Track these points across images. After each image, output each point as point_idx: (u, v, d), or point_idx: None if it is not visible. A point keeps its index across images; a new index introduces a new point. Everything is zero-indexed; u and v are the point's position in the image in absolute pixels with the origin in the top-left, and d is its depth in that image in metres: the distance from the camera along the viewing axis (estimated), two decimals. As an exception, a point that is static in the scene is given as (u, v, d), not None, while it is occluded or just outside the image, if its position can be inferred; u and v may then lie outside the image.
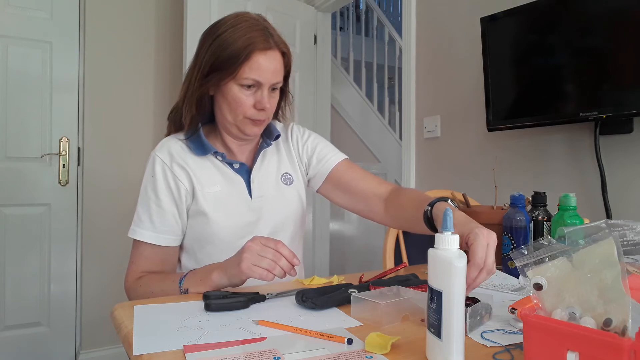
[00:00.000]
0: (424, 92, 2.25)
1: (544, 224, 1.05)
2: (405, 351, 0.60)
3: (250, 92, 0.98)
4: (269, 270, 0.83)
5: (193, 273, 0.92)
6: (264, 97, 0.98)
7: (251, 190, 1.07)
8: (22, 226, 2.25)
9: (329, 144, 1.19)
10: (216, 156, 1.06)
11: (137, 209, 1.03)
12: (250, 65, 0.95)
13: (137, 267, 1.01)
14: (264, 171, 1.10)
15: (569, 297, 0.47)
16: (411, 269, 1.11)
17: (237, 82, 0.97)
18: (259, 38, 0.95)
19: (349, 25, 4.92)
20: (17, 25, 2.21)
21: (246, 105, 0.99)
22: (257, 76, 0.96)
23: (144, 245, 1.00)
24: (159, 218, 1.01)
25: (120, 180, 2.43)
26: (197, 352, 0.58)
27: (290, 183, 1.13)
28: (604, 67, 1.41)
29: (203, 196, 1.02)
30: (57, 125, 2.32)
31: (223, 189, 1.04)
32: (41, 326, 2.29)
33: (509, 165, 1.82)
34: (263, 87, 0.98)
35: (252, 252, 0.83)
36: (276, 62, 0.98)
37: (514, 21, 1.67)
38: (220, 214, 1.02)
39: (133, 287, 0.99)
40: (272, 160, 1.13)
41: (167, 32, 2.57)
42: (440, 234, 0.55)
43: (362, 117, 4.22)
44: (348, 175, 1.12)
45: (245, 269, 0.83)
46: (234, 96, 0.98)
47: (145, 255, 1.01)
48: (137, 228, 1.01)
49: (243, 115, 1.00)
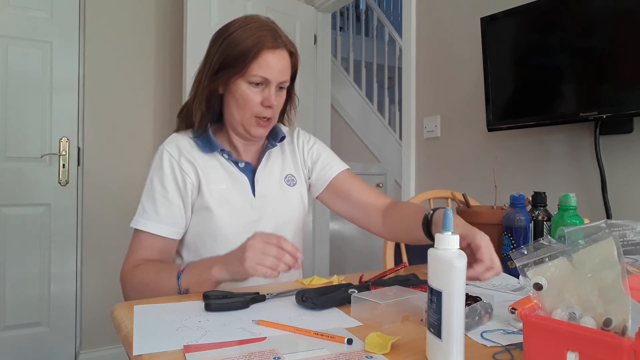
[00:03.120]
0: (424, 92, 2.25)
1: (544, 224, 1.05)
2: (405, 351, 0.60)
3: (258, 90, 1.01)
4: (273, 269, 0.81)
5: (191, 267, 0.90)
6: (271, 95, 1.01)
7: (255, 189, 1.09)
8: (22, 226, 2.25)
9: (333, 153, 1.23)
10: (222, 154, 1.08)
11: (142, 201, 1.02)
12: (259, 63, 0.98)
13: (136, 255, 0.99)
14: (268, 171, 1.12)
15: (569, 297, 0.47)
16: (411, 269, 1.11)
17: (246, 80, 0.99)
18: (268, 37, 0.98)
19: (349, 25, 4.92)
20: (17, 25, 2.21)
21: (254, 103, 1.01)
22: (266, 73, 0.99)
23: (146, 235, 1.00)
24: (164, 209, 1.01)
25: (120, 180, 2.44)
26: (197, 352, 0.58)
27: (294, 184, 1.15)
28: (604, 67, 1.41)
29: (209, 191, 1.04)
30: (57, 125, 2.32)
31: (228, 186, 1.06)
32: (41, 326, 2.29)
33: (509, 165, 1.82)
34: (271, 85, 1.01)
35: (255, 250, 0.81)
36: (284, 61, 1.02)
37: (514, 21, 1.67)
38: (224, 210, 1.04)
39: (129, 276, 0.97)
40: (277, 161, 1.15)
41: (167, 32, 2.57)
42: (440, 234, 0.55)
43: (362, 117, 4.22)
44: (349, 185, 1.15)
45: (250, 269, 0.81)
46: (242, 93, 1.00)
47: (145, 245, 1.00)
48: (141, 219, 1.00)
49: (250, 112, 1.02)
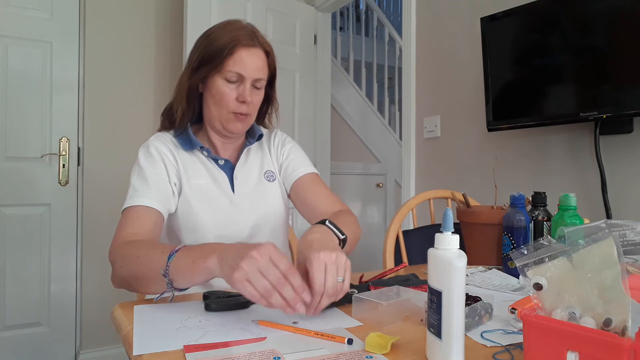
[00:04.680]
0: (424, 92, 2.25)
1: (544, 224, 1.05)
2: (405, 351, 0.60)
3: (234, 86, 1.05)
4: (263, 295, 0.68)
5: (186, 250, 0.80)
6: (246, 90, 1.04)
7: (234, 185, 1.12)
8: (22, 226, 2.25)
9: (304, 155, 1.24)
10: (202, 151, 1.12)
11: (132, 183, 1.03)
12: (234, 59, 1.02)
13: (127, 229, 0.94)
14: (248, 168, 1.16)
15: (569, 297, 0.47)
16: (411, 269, 1.11)
17: (222, 76, 1.04)
18: (244, 36, 1.04)
19: (349, 25, 4.91)
20: (17, 25, 2.21)
21: (229, 98, 1.05)
22: (240, 69, 1.03)
23: (137, 209, 0.97)
24: (156, 187, 1.02)
25: (120, 180, 2.42)
26: (197, 352, 0.58)
27: (273, 180, 1.19)
28: (604, 67, 1.41)
29: (189, 186, 1.08)
30: (57, 125, 2.32)
31: (207, 182, 1.10)
32: (41, 326, 2.29)
33: (509, 165, 1.82)
34: (245, 81, 1.04)
35: (253, 264, 0.68)
36: (259, 59, 1.06)
37: (514, 21, 1.67)
38: (204, 206, 1.08)
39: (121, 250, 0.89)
40: (256, 157, 1.19)
41: (167, 32, 2.57)
42: (440, 234, 0.55)
43: (362, 117, 4.21)
44: (309, 189, 1.17)
45: (236, 281, 0.68)
46: (218, 89, 1.05)
47: (136, 218, 0.96)
48: (131, 198, 1.00)
49: (227, 109, 1.06)
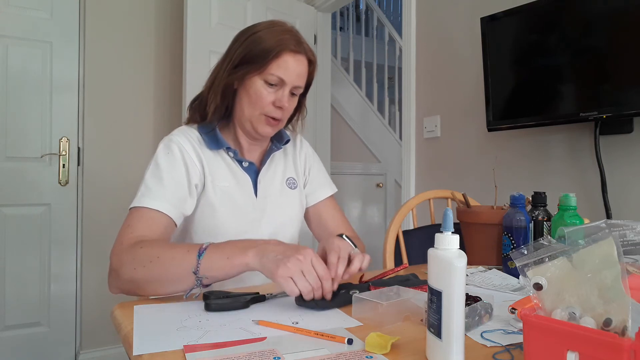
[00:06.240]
0: (424, 92, 2.25)
1: (544, 224, 1.05)
2: (405, 351, 0.60)
3: (272, 90, 1.03)
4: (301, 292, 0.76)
5: (216, 247, 0.81)
6: (284, 96, 1.03)
7: (257, 190, 1.10)
8: (22, 226, 2.25)
9: (326, 173, 1.28)
10: (228, 152, 1.09)
11: (146, 180, 0.97)
12: (278, 63, 1.00)
13: (135, 231, 0.90)
14: (271, 173, 1.14)
15: (569, 297, 0.47)
16: (411, 269, 1.11)
17: (263, 78, 1.01)
18: (291, 41, 1.01)
19: (349, 25, 4.91)
20: (17, 25, 2.21)
21: (266, 101, 1.02)
22: (283, 74, 1.01)
23: (149, 211, 0.93)
24: (172, 189, 0.97)
25: (120, 180, 2.44)
26: (197, 352, 0.58)
27: (294, 187, 1.18)
28: (604, 67, 1.41)
29: (213, 188, 1.05)
30: (57, 125, 2.32)
31: (231, 185, 1.08)
32: (41, 326, 2.29)
33: (509, 165, 1.82)
34: (285, 87, 1.03)
35: (297, 265, 0.75)
36: (303, 66, 1.04)
37: (514, 21, 1.67)
38: (226, 209, 1.05)
39: (130, 251, 0.85)
40: (280, 164, 1.17)
41: (167, 32, 2.57)
42: (440, 234, 0.55)
43: (362, 117, 4.21)
44: (327, 213, 1.23)
45: (280, 276, 0.75)
46: (256, 90, 1.02)
47: (147, 220, 0.92)
48: (144, 197, 0.94)
49: (261, 110, 1.03)
